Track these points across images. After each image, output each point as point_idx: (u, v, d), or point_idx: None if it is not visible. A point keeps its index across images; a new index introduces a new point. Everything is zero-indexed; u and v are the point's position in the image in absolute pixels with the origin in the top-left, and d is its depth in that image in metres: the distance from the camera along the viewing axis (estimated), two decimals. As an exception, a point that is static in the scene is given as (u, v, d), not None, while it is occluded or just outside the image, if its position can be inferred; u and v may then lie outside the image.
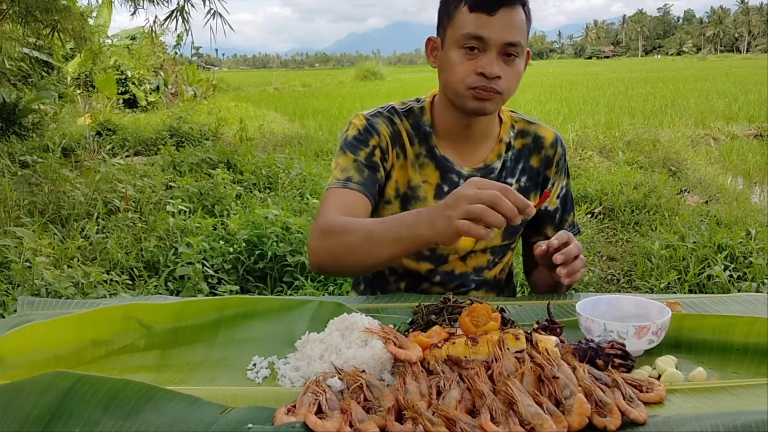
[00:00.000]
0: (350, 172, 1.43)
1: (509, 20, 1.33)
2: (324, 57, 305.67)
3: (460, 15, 1.35)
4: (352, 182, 1.41)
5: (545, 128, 1.56)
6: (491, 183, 1.08)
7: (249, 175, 6.04)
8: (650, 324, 1.04)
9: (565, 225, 1.58)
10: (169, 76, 16.36)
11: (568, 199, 1.59)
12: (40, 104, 9.37)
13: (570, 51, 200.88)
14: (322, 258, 1.33)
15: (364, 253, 1.25)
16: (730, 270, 3.70)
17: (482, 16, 1.32)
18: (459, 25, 1.35)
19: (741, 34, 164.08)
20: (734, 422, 0.76)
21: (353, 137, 1.47)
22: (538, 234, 1.57)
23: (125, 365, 1.07)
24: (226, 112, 12.06)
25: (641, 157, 7.56)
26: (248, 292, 3.64)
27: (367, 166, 1.44)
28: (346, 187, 1.41)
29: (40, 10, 5.82)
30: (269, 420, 0.82)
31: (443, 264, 1.52)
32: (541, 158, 1.54)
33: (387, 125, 1.49)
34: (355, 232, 1.27)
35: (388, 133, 1.48)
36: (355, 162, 1.44)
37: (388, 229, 1.22)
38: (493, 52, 1.33)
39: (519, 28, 1.34)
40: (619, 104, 14.07)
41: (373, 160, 1.45)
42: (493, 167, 1.50)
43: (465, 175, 1.48)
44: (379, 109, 1.53)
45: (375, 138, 1.47)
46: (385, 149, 1.47)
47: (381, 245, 1.22)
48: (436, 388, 0.88)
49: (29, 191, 4.98)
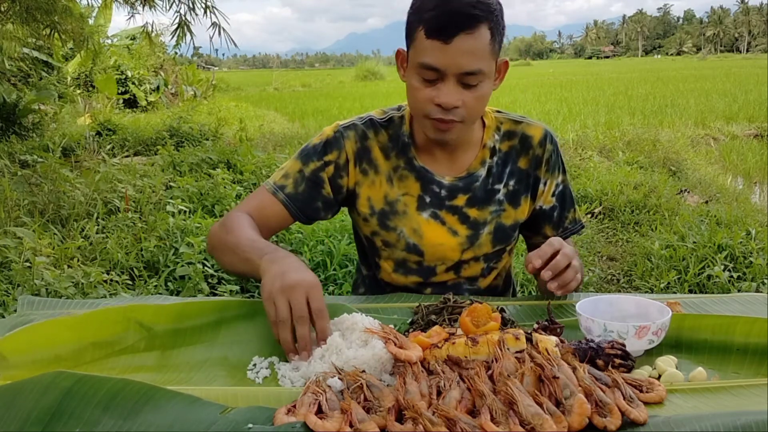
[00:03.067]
0: (288, 180, 1.44)
1: (467, 47, 1.23)
2: (324, 57, 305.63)
3: (418, 39, 1.26)
4: (282, 192, 1.43)
5: (533, 126, 1.48)
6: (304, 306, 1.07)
7: (249, 175, 6.03)
8: (650, 324, 1.04)
9: (566, 222, 1.52)
10: (169, 76, 16.36)
11: (566, 195, 1.52)
12: (40, 104, 9.37)
13: (570, 51, 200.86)
14: (210, 244, 1.43)
15: (227, 258, 1.33)
16: (730, 270, 3.70)
17: (437, 43, 1.23)
18: (417, 50, 1.27)
19: (741, 34, 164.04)
20: (734, 422, 0.76)
21: (313, 146, 1.46)
22: (538, 234, 1.53)
23: (125, 365, 1.07)
24: (226, 112, 12.06)
25: (641, 157, 7.55)
26: (248, 292, 3.64)
27: (309, 180, 1.43)
28: (275, 194, 1.43)
29: (40, 11, 5.81)
30: (269, 420, 0.82)
31: (432, 276, 1.49)
32: (530, 159, 1.47)
33: (356, 141, 1.45)
34: (232, 236, 1.32)
35: (353, 150, 1.44)
36: (300, 173, 1.44)
37: (248, 248, 1.26)
38: (451, 82, 1.26)
39: (479, 54, 1.24)
40: (619, 104, 14.06)
41: (319, 176, 1.43)
42: (477, 175, 1.44)
43: (446, 185, 1.44)
44: (356, 120, 1.48)
45: (334, 153, 1.44)
46: (343, 166, 1.44)
47: (237, 258, 1.28)
48: (436, 388, 0.88)
49: (29, 191, 4.98)
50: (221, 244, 1.36)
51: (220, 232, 1.38)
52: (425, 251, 1.45)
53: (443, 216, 1.45)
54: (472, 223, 1.45)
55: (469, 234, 1.45)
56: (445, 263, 1.48)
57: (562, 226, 1.53)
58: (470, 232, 1.45)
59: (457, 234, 1.45)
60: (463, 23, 1.22)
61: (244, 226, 1.35)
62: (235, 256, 1.29)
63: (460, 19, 1.22)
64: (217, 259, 1.41)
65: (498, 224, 1.47)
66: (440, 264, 1.48)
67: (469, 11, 1.22)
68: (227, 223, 1.38)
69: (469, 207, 1.45)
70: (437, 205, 1.45)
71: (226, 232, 1.36)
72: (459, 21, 1.22)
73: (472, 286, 1.52)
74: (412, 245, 1.45)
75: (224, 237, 1.35)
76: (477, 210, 1.45)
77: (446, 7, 1.22)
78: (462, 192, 1.45)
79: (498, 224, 1.47)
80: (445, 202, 1.45)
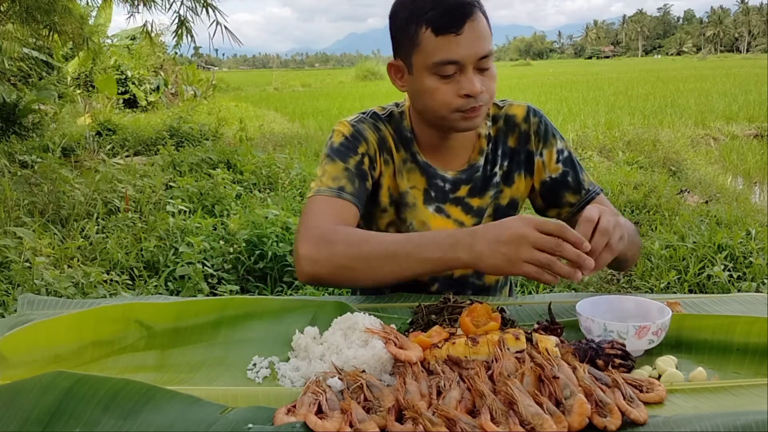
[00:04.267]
0: (342, 181, 1.36)
1: (476, 32, 1.27)
2: (324, 57, 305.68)
3: (425, 41, 1.28)
4: (345, 192, 1.34)
5: (515, 105, 1.49)
6: (547, 223, 1.08)
7: (249, 175, 6.04)
8: (650, 324, 1.04)
9: (585, 185, 1.47)
10: (169, 76, 16.36)
11: (573, 159, 1.49)
12: (40, 104, 9.37)
13: (570, 51, 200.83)
14: (320, 267, 1.23)
15: (380, 269, 1.20)
16: (730, 270, 3.70)
17: (449, 37, 1.25)
18: (426, 51, 1.28)
19: (741, 34, 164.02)
20: (734, 422, 0.76)
21: (340, 144, 1.41)
22: (563, 205, 1.48)
23: (125, 365, 1.06)
24: (226, 112, 12.06)
25: (641, 157, 7.55)
26: (248, 292, 3.64)
27: (358, 175, 1.38)
28: (340, 197, 1.34)
29: (40, 11, 5.82)
30: (269, 420, 0.82)
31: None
32: (517, 136, 1.48)
33: (373, 131, 1.44)
34: (372, 246, 1.21)
35: (375, 140, 1.43)
36: (346, 171, 1.37)
37: (416, 248, 1.17)
38: (469, 70, 1.28)
39: (486, 36, 1.29)
40: (619, 104, 14.07)
41: (363, 169, 1.40)
42: (477, 165, 1.47)
43: (449, 179, 1.45)
44: (361, 115, 1.47)
45: (363, 145, 1.41)
46: (374, 157, 1.42)
47: (407, 263, 1.18)
48: (436, 388, 0.88)
49: (29, 191, 4.99)
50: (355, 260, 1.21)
51: (336, 252, 1.22)
52: None
53: (447, 209, 1.47)
54: (476, 212, 1.48)
55: (474, 222, 1.47)
56: None
57: (583, 188, 1.47)
58: (475, 221, 1.47)
59: (464, 225, 1.47)
60: (465, 12, 1.26)
61: (367, 233, 1.28)
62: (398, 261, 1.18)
63: (461, 9, 1.26)
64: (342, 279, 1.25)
65: (496, 206, 1.49)
66: None
67: (465, 0, 1.27)
68: (342, 239, 1.24)
69: (471, 197, 1.47)
70: (441, 199, 1.46)
71: (351, 246, 1.22)
72: (461, 11, 1.26)
73: (479, 280, 1.53)
74: None
75: (355, 251, 1.21)
76: (479, 198, 1.47)
77: (445, 2, 1.27)
78: (464, 183, 1.46)
79: (496, 206, 1.49)
80: (449, 195, 1.46)
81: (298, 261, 1.26)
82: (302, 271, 1.25)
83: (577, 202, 1.47)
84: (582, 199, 1.46)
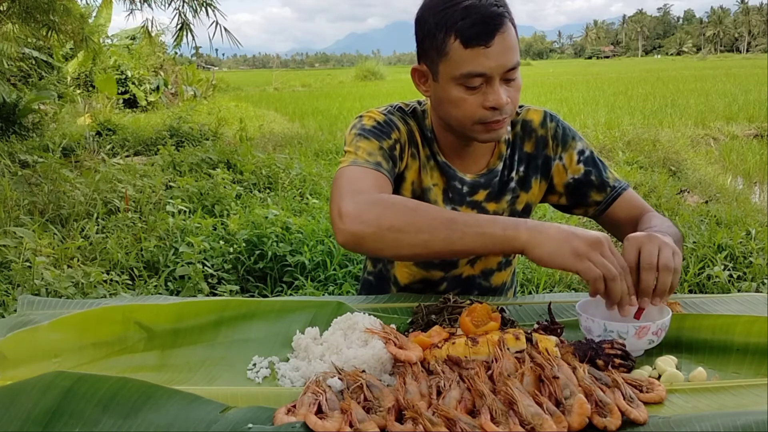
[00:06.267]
0: (378, 157, 1.30)
1: (505, 44, 1.24)
2: (324, 57, 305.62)
3: (453, 51, 1.25)
4: (382, 168, 1.29)
5: (532, 110, 1.48)
6: (618, 256, 1.06)
7: (249, 175, 6.04)
8: (650, 324, 1.04)
9: (610, 182, 1.45)
10: (169, 76, 16.37)
11: (595, 158, 1.47)
12: (40, 104, 9.38)
13: (570, 51, 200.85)
14: (366, 227, 1.13)
15: (432, 235, 1.12)
16: (730, 270, 3.70)
17: (479, 50, 1.22)
18: (454, 61, 1.25)
19: (741, 34, 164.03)
20: (734, 422, 0.76)
21: (373, 127, 1.36)
22: (589, 204, 1.48)
23: (125, 365, 1.06)
24: (226, 112, 12.06)
25: (641, 157, 7.56)
26: (248, 292, 3.64)
27: (391, 156, 1.34)
28: (378, 170, 1.27)
29: (40, 11, 5.82)
30: (269, 420, 0.82)
31: (453, 269, 1.50)
32: (534, 142, 1.47)
33: (403, 123, 1.41)
34: (426, 211, 1.14)
35: (406, 131, 1.41)
36: (381, 150, 1.32)
37: (475, 220, 1.12)
38: (496, 82, 1.25)
39: (515, 48, 1.26)
40: (619, 104, 14.07)
41: (394, 154, 1.36)
42: (496, 170, 1.46)
43: (468, 182, 1.44)
44: (390, 107, 1.44)
45: (396, 132, 1.38)
46: (404, 147, 1.39)
47: (463, 232, 1.11)
48: (436, 388, 0.88)
49: (29, 191, 4.99)
50: (412, 223, 1.13)
51: (388, 213, 1.15)
52: None
53: (463, 211, 1.46)
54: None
55: None
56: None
57: (608, 185, 1.46)
58: None
59: None
60: (496, 24, 1.23)
61: (420, 203, 1.20)
62: (455, 230, 1.11)
63: (491, 21, 1.23)
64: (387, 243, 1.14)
65: (512, 211, 1.48)
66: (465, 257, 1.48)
67: (496, 11, 1.23)
68: (398, 201, 1.18)
69: (488, 202, 1.46)
70: (458, 201, 1.46)
71: (406, 211, 1.15)
72: (492, 23, 1.23)
73: (486, 281, 1.53)
74: None
75: (409, 216, 1.14)
76: (495, 203, 1.47)
77: (477, 13, 1.23)
78: (483, 188, 1.46)
79: (512, 211, 1.48)
80: (466, 198, 1.45)
81: (340, 218, 1.16)
82: (345, 229, 1.15)
83: (603, 200, 1.46)
84: (608, 196, 1.45)
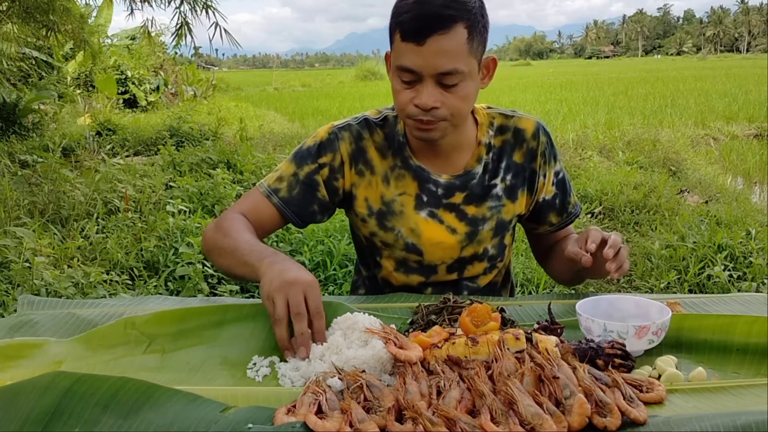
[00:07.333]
0: (282, 184, 1.44)
1: (441, 48, 1.22)
2: (324, 57, 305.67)
3: (396, 42, 1.28)
4: (276, 196, 1.43)
5: (525, 119, 1.48)
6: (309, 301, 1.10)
7: (249, 175, 6.03)
8: (650, 324, 1.04)
9: (569, 207, 1.54)
10: (169, 76, 16.35)
11: (565, 181, 1.54)
12: (40, 104, 9.37)
13: (570, 51, 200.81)
14: (205, 247, 1.43)
15: (224, 261, 1.34)
16: (730, 270, 3.70)
17: (411, 45, 1.23)
18: (396, 53, 1.29)
19: (741, 34, 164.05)
20: (734, 422, 0.76)
21: (307, 148, 1.46)
22: (543, 224, 1.54)
23: (125, 367, 1.06)
24: (226, 112, 12.05)
25: (641, 157, 7.55)
26: (248, 292, 3.64)
27: (304, 183, 1.44)
28: (269, 198, 1.43)
29: (39, 11, 5.82)
30: (269, 420, 0.82)
31: (434, 275, 1.49)
32: (524, 152, 1.47)
33: (350, 142, 1.45)
34: (230, 240, 1.33)
35: (348, 151, 1.44)
36: (294, 176, 1.44)
37: (247, 252, 1.27)
38: (429, 83, 1.26)
39: (455, 54, 1.23)
40: (619, 104, 14.06)
41: (314, 179, 1.44)
42: (473, 172, 1.45)
43: (442, 183, 1.44)
44: (351, 121, 1.48)
45: (328, 155, 1.44)
46: (338, 168, 1.44)
47: (236, 261, 1.29)
48: (436, 388, 0.88)
49: (29, 191, 4.98)
50: (217, 247, 1.36)
51: (215, 235, 1.38)
52: (424, 250, 1.45)
53: (441, 215, 1.45)
54: (470, 220, 1.46)
55: (468, 231, 1.46)
56: (446, 262, 1.47)
57: (566, 211, 1.54)
58: (469, 229, 1.46)
59: (456, 232, 1.45)
60: (435, 24, 1.22)
61: (241, 228, 1.36)
62: (234, 259, 1.29)
63: (433, 20, 1.22)
64: (213, 261, 1.41)
65: (499, 220, 1.48)
66: (441, 263, 1.48)
67: (442, 12, 1.22)
68: (223, 226, 1.38)
69: (467, 204, 1.45)
70: (434, 204, 1.45)
71: (222, 235, 1.35)
72: (432, 22, 1.23)
73: (473, 283, 1.52)
74: (411, 245, 1.45)
75: (221, 240, 1.35)
76: (475, 207, 1.46)
77: (420, 9, 1.23)
78: (459, 190, 1.45)
79: (499, 220, 1.48)
80: (443, 201, 1.45)
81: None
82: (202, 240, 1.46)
83: (557, 222, 1.54)
84: (563, 221, 1.55)
